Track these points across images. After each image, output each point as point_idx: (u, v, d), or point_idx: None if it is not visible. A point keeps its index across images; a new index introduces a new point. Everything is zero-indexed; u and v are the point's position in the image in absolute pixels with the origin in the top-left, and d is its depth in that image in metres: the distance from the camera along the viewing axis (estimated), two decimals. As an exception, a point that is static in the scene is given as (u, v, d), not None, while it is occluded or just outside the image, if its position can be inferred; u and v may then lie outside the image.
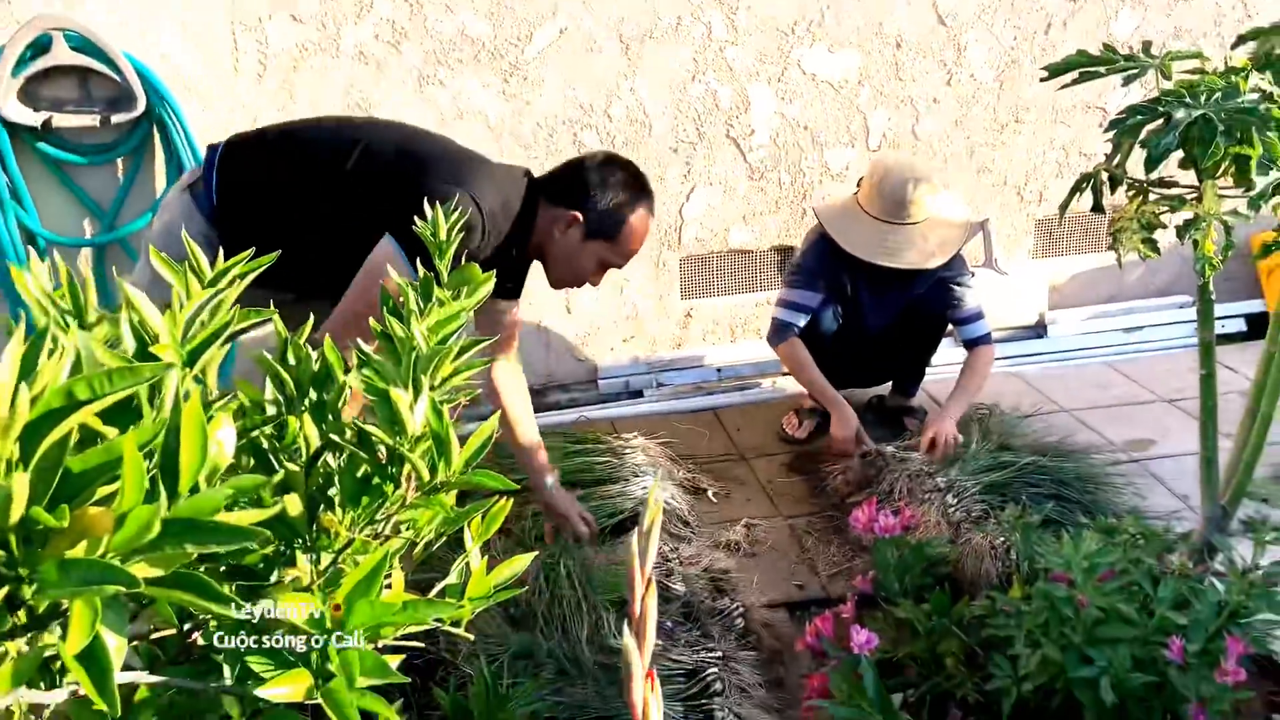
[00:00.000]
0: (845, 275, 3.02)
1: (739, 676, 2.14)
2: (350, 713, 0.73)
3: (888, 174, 2.87)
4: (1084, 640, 1.80)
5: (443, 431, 0.83)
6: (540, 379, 3.74)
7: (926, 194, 2.87)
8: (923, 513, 2.63)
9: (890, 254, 2.85)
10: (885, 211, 2.87)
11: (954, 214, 2.97)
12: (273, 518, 0.74)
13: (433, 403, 0.83)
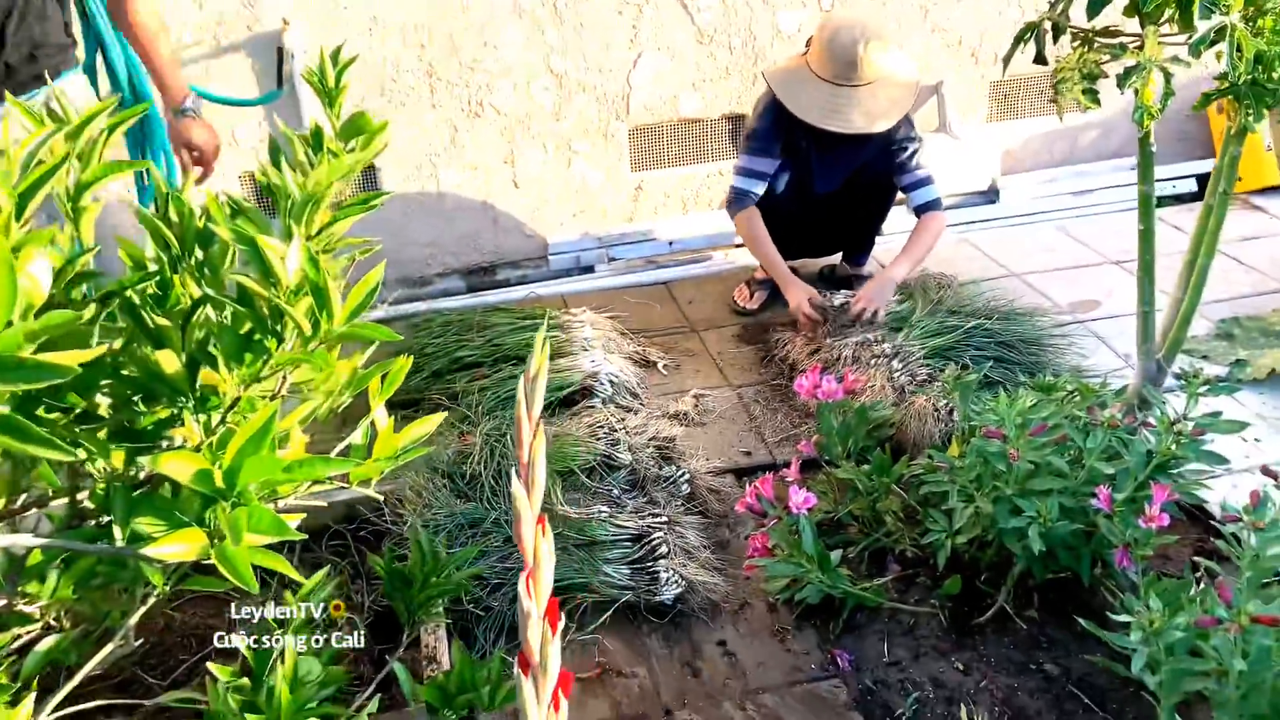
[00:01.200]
0: (800, 139, 2.97)
1: (684, 540, 2.17)
2: (244, 570, 0.72)
3: (836, 33, 2.78)
4: (1015, 493, 1.84)
5: (321, 282, 0.79)
6: (489, 256, 3.68)
7: (877, 53, 2.78)
8: (868, 378, 2.65)
9: (839, 117, 2.78)
10: (834, 73, 2.79)
11: (904, 74, 2.89)
12: (152, 375, 0.71)
13: (308, 252, 0.79)
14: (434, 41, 3.30)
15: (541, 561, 0.66)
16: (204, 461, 0.70)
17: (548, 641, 0.67)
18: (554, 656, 0.68)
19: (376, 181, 3.48)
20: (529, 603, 0.66)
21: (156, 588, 1.06)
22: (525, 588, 0.66)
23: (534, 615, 0.66)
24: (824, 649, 1.99)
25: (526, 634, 0.66)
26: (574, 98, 3.50)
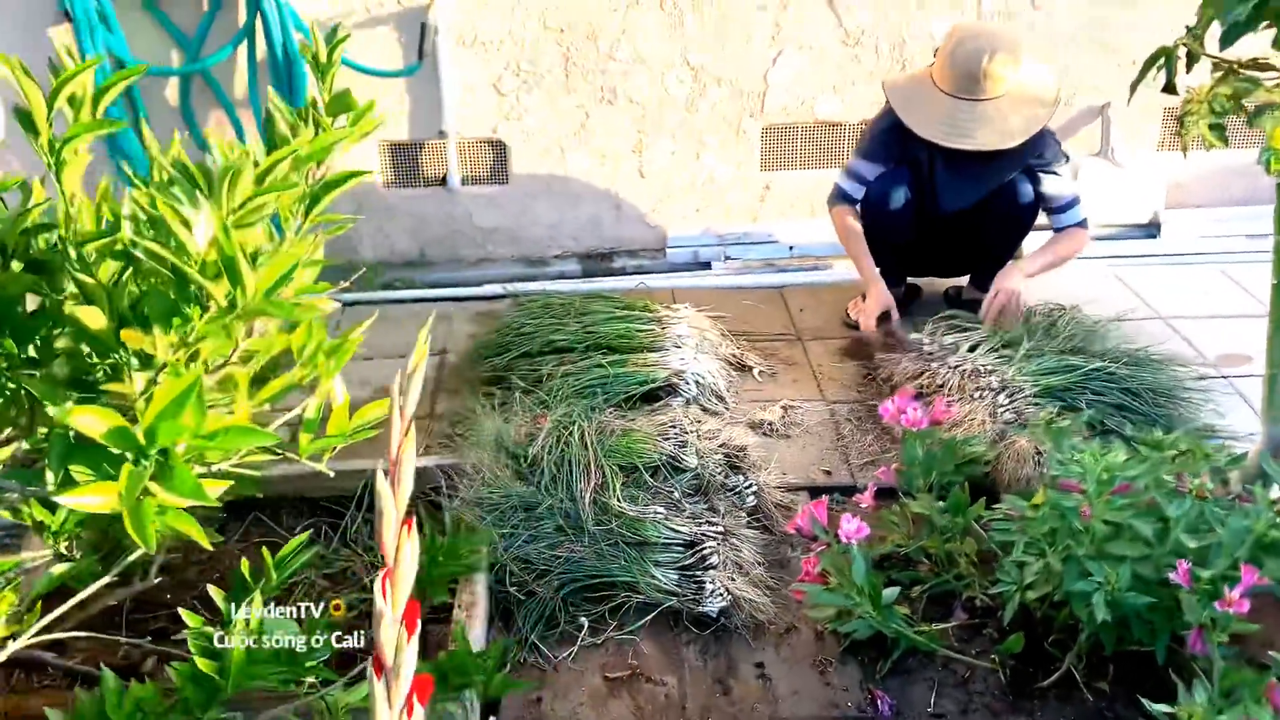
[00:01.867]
0: (920, 151, 2.82)
1: (738, 553, 2.11)
2: (148, 529, 0.72)
3: (961, 43, 2.62)
4: (1091, 554, 1.69)
5: (230, 254, 0.79)
6: (608, 243, 3.69)
7: (1004, 66, 2.60)
8: (969, 410, 2.50)
9: (959, 133, 2.62)
10: (956, 86, 2.63)
11: (1039, 89, 2.70)
12: (79, 331, 0.72)
13: (222, 224, 0.78)
14: (574, 27, 3.31)
15: (402, 562, 0.63)
16: (118, 418, 0.71)
17: (403, 645, 0.64)
18: (409, 660, 0.65)
19: (505, 160, 3.53)
20: (383, 604, 0.63)
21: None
22: (381, 587, 0.63)
23: (388, 617, 0.63)
24: (865, 688, 1.89)
25: (379, 635, 0.64)
26: (708, 91, 3.45)
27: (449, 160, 3.48)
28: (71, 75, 0.83)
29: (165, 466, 0.73)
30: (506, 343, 2.85)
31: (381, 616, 0.63)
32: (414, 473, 0.64)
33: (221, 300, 0.80)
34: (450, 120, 3.40)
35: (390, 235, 3.63)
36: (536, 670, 1.94)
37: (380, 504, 0.62)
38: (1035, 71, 2.71)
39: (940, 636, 1.97)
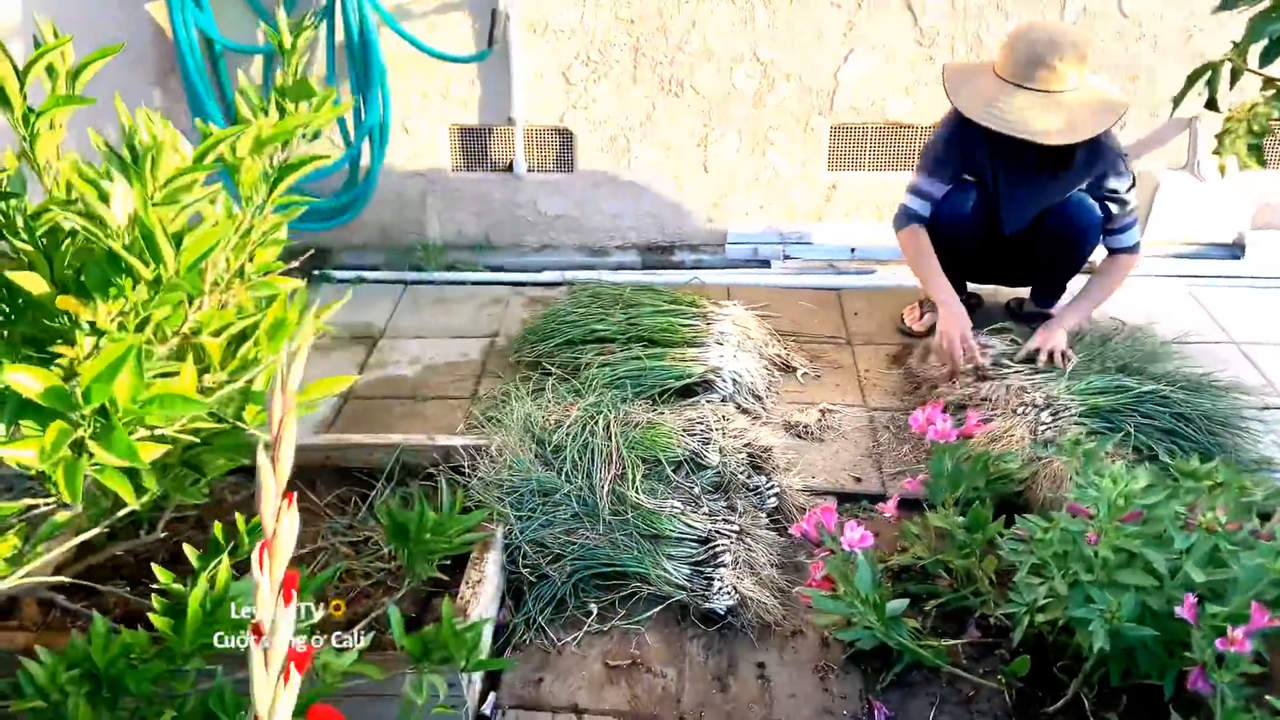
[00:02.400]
0: (983, 162, 2.75)
1: (752, 553, 2.11)
2: (76, 483, 0.77)
3: (1026, 32, 2.53)
4: (1100, 580, 1.64)
5: (150, 229, 0.83)
6: (669, 236, 3.70)
7: (1068, 64, 2.49)
8: (1009, 426, 2.44)
9: (1003, 119, 2.50)
10: (1013, 73, 2.53)
11: (1103, 98, 2.58)
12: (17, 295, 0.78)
13: (143, 199, 0.83)
14: (644, 18, 3.33)
15: (280, 535, 0.67)
16: (54, 379, 0.76)
17: (280, 612, 0.67)
18: (285, 627, 0.68)
19: (572, 149, 3.57)
20: (259, 574, 0.67)
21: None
22: (259, 558, 0.66)
23: (264, 586, 0.66)
24: (865, 699, 1.88)
25: (257, 604, 0.67)
26: (777, 87, 3.42)
27: (516, 147, 3.54)
28: (43, 52, 0.89)
29: (105, 427, 0.78)
30: (552, 330, 2.90)
31: (258, 586, 0.66)
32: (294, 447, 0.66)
33: (146, 274, 0.85)
34: (519, 107, 3.45)
35: (456, 217, 3.70)
36: (541, 651, 1.98)
37: (260, 478, 0.65)
38: (1103, 83, 2.61)
39: (950, 653, 1.94)
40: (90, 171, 0.85)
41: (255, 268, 0.96)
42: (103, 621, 1.22)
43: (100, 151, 0.88)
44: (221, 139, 0.93)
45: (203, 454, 1.14)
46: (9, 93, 0.86)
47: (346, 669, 1.44)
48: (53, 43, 0.90)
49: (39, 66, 0.89)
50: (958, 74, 2.71)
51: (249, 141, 0.94)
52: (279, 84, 0.99)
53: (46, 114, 0.88)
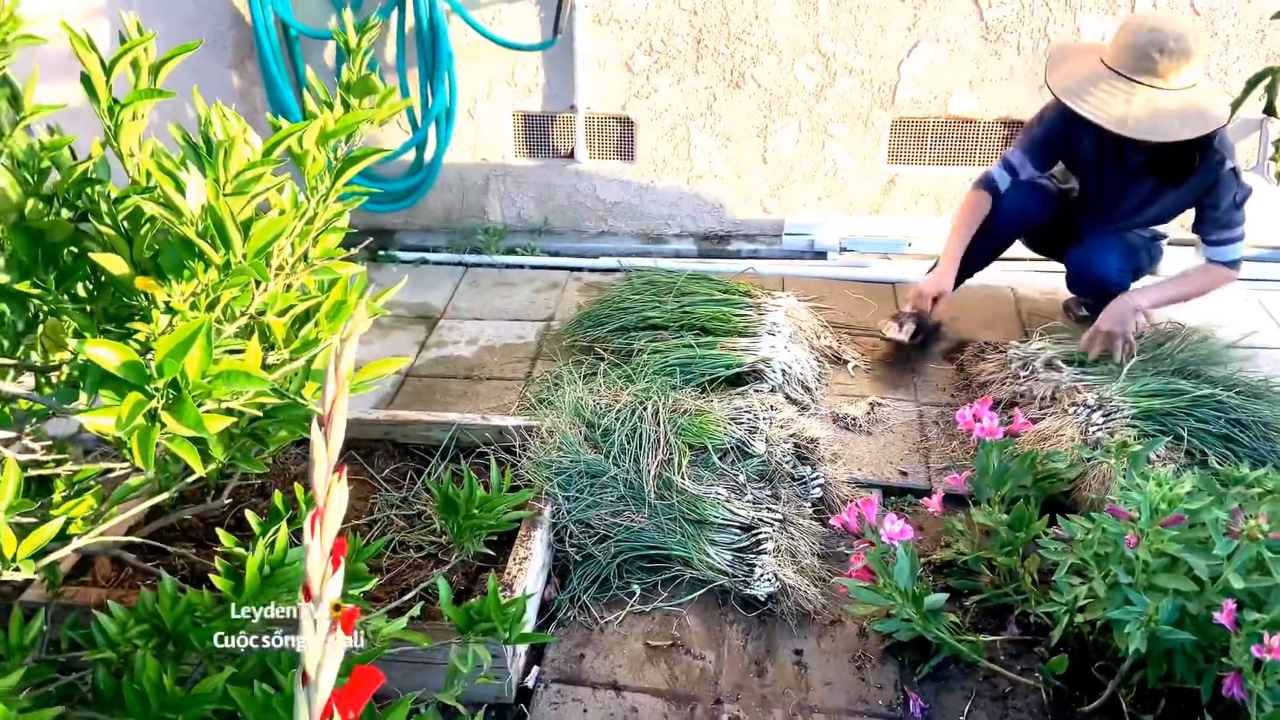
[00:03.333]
0: (1090, 157, 2.70)
1: (794, 542, 2.14)
2: (146, 451, 0.84)
3: (1135, 22, 2.43)
4: (1139, 583, 1.65)
5: (221, 217, 0.88)
6: (726, 225, 3.72)
7: (1172, 62, 2.37)
8: (1060, 426, 2.44)
9: (1083, 100, 2.41)
10: (1119, 62, 2.42)
11: (1197, 103, 2.46)
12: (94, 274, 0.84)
13: (214, 188, 0.89)
14: (707, 9, 3.35)
15: (331, 505, 0.72)
16: (131, 353, 0.83)
17: (328, 576, 0.73)
18: (332, 589, 0.74)
19: (633, 137, 3.61)
20: (312, 540, 0.72)
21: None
22: (310, 526, 0.72)
23: (315, 551, 0.72)
24: (900, 689, 1.90)
25: (308, 566, 0.73)
26: (838, 80, 3.42)
27: (577, 134, 3.59)
28: (128, 48, 0.96)
29: (177, 399, 0.85)
30: (606, 315, 2.94)
31: (309, 550, 0.72)
32: (345, 424, 0.72)
33: (216, 259, 0.91)
34: (581, 95, 3.50)
35: (518, 202, 3.77)
36: (584, 629, 2.04)
37: (313, 452, 0.71)
38: (1211, 93, 2.49)
39: (988, 649, 1.95)
40: (168, 163, 0.91)
41: (318, 252, 1.03)
42: (171, 581, 1.30)
43: (178, 143, 0.95)
44: (289, 134, 0.99)
45: (266, 426, 1.21)
46: (96, 85, 0.93)
47: (396, 635, 1.50)
48: (137, 39, 0.97)
49: (124, 60, 0.96)
50: (1061, 51, 2.61)
51: (315, 135, 1.00)
52: (344, 79, 1.05)
53: (130, 105, 0.95)
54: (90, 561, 1.92)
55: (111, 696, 1.14)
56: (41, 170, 0.97)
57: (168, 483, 1.42)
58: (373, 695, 1.15)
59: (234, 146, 0.94)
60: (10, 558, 0.99)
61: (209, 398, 0.88)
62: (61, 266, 0.96)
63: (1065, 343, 2.78)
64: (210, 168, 0.92)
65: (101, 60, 0.95)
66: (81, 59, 0.94)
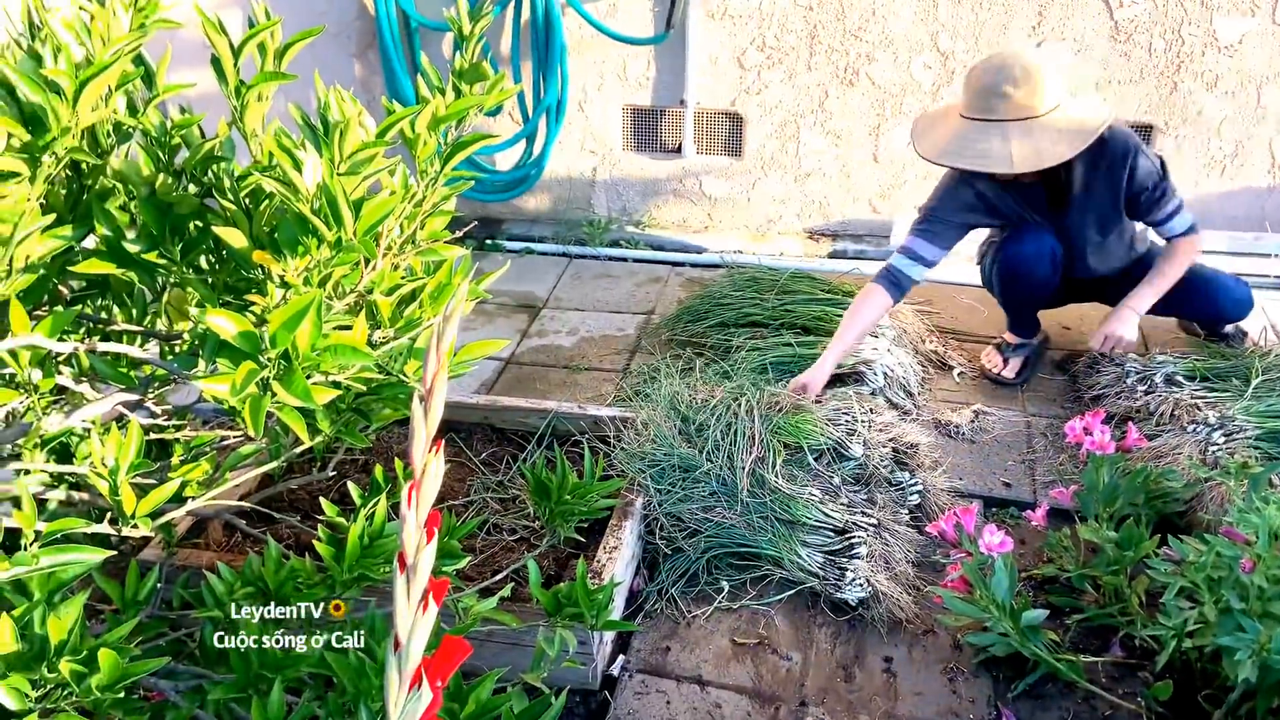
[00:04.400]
0: (1013, 209, 2.60)
1: (889, 548, 2.10)
2: (259, 418, 0.88)
3: (978, 65, 2.37)
4: (1252, 610, 1.57)
5: (334, 195, 0.91)
6: (833, 225, 3.67)
7: (1025, 89, 2.30)
8: (1177, 444, 2.33)
9: (961, 155, 2.34)
10: (970, 107, 2.36)
11: (1077, 120, 2.35)
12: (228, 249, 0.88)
13: (329, 167, 0.91)
14: (824, 4, 3.31)
15: (428, 477, 0.74)
16: (246, 323, 0.86)
17: (422, 547, 0.74)
18: (426, 560, 0.75)
19: (741, 133, 3.59)
20: (408, 510, 0.74)
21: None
22: (407, 497, 0.74)
23: (411, 521, 0.74)
24: (993, 705, 1.85)
25: (403, 537, 0.75)
26: (955, 79, 3.34)
27: (686, 129, 3.59)
28: (255, 32, 1.00)
29: (287, 370, 0.88)
30: (706, 310, 2.94)
31: (405, 521, 0.74)
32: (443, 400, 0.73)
33: (329, 236, 0.94)
34: (691, 90, 3.50)
35: (624, 195, 3.79)
36: (670, 622, 2.04)
37: (413, 424, 0.73)
38: (1084, 104, 2.40)
39: (1088, 670, 1.88)
40: (288, 142, 0.95)
41: (426, 234, 1.05)
42: (276, 546, 1.35)
43: (297, 124, 0.99)
44: (401, 117, 1.02)
45: (371, 403, 1.25)
46: (225, 67, 0.98)
47: (486, 614, 1.53)
48: (264, 23, 1.01)
49: (251, 44, 1.00)
50: (924, 122, 2.53)
51: (426, 119, 1.03)
52: (456, 66, 1.07)
53: (255, 87, 0.99)
54: (204, 525, 2.02)
55: (216, 654, 1.19)
56: (172, 147, 1.03)
57: (277, 452, 1.48)
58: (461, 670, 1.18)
59: (349, 128, 0.97)
60: (130, 515, 1.05)
61: (317, 370, 0.91)
62: (187, 239, 1.01)
63: (1190, 358, 2.66)
64: (326, 148, 0.95)
65: (231, 43, 1.00)
66: (212, 41, 0.99)
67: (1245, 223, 3.39)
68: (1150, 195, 2.51)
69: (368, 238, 0.98)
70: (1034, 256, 2.62)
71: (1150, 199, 2.52)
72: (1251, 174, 3.32)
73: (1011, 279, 2.69)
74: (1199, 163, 3.33)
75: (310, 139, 0.96)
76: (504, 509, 2.20)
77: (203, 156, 1.02)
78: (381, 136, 1.00)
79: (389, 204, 0.99)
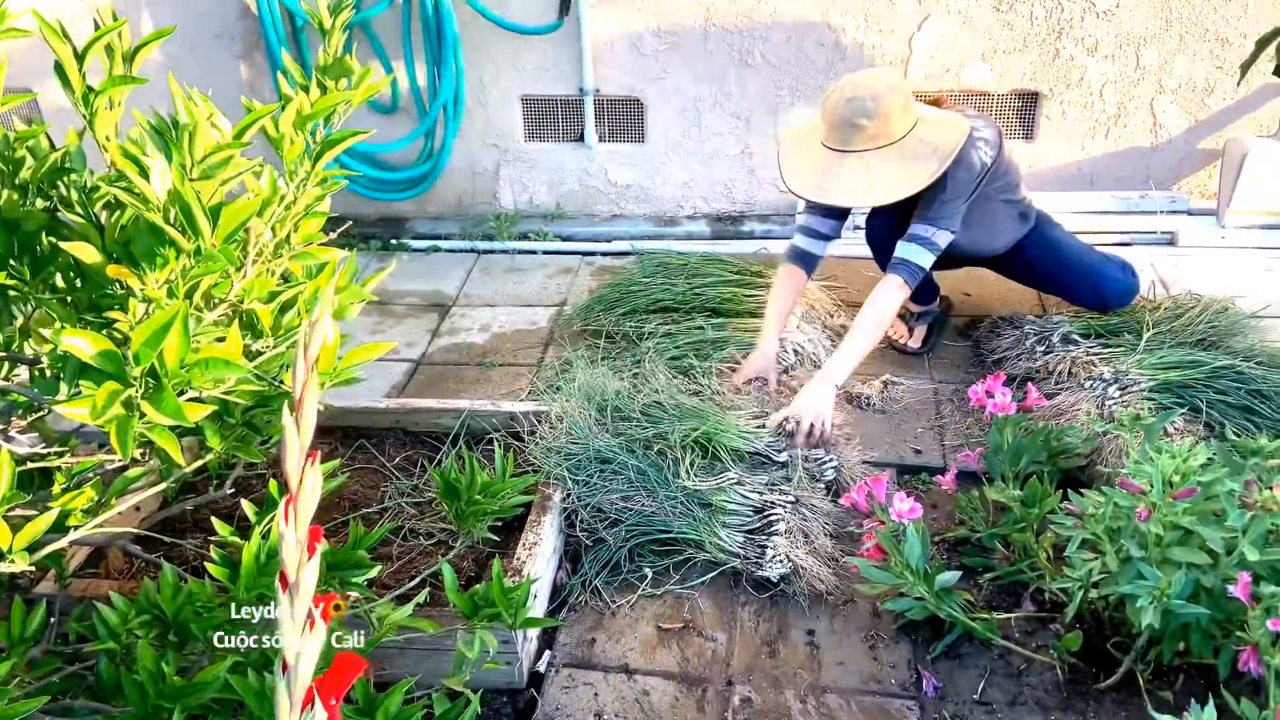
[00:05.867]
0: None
1: (806, 523, 2.13)
2: (125, 441, 0.84)
3: (841, 95, 2.35)
4: (1151, 557, 1.62)
5: (188, 202, 0.88)
6: (739, 206, 3.69)
7: (892, 112, 2.31)
8: (1075, 400, 2.40)
9: (842, 191, 2.36)
10: (839, 140, 2.36)
11: (932, 144, 2.36)
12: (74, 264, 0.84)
13: (180, 173, 0.88)
14: (714, -14, 3.31)
15: (304, 490, 0.71)
16: (106, 343, 0.83)
17: (303, 564, 0.72)
18: (309, 577, 0.73)
19: (643, 119, 3.58)
20: (285, 526, 0.72)
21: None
22: (284, 512, 0.71)
23: (290, 537, 0.71)
24: (913, 668, 1.89)
25: (283, 554, 0.72)
26: (848, 55, 3.38)
27: (587, 117, 3.57)
28: (98, 37, 0.96)
29: (156, 388, 0.84)
30: (617, 299, 2.93)
31: (284, 539, 0.71)
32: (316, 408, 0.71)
33: (186, 245, 0.91)
34: (590, 78, 3.48)
35: (529, 187, 3.76)
36: (595, 613, 2.03)
37: (285, 436, 0.70)
38: (936, 121, 2.40)
39: (1002, 627, 1.93)
40: (134, 149, 0.91)
41: (300, 238, 1.02)
42: (171, 570, 1.30)
43: (144, 129, 0.95)
44: (259, 116, 0.98)
45: (263, 415, 1.21)
46: (69, 73, 0.93)
47: (402, 622, 1.51)
48: (109, 25, 0.96)
49: (97, 47, 0.95)
50: (789, 143, 2.53)
51: (291, 118, 0.99)
52: (320, 62, 1.04)
53: (104, 94, 0.95)
54: (103, 554, 1.94)
55: (113, 686, 1.14)
56: (16, 160, 0.97)
57: (168, 473, 1.43)
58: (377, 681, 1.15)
59: (198, 130, 0.94)
60: (6, 549, 1.00)
61: (189, 386, 0.88)
62: (38, 256, 0.96)
63: (1084, 317, 2.74)
64: (176, 152, 0.92)
65: (75, 49, 0.95)
66: (53, 47, 0.94)
67: (1131, 182, 3.50)
68: (933, 194, 2.41)
69: (229, 244, 0.95)
70: (872, 237, 2.76)
71: (931, 197, 2.42)
72: (1134, 134, 3.43)
73: (875, 252, 2.79)
74: (1084, 126, 3.43)
75: (156, 143, 0.92)
76: (420, 513, 2.17)
77: (49, 169, 0.97)
78: (238, 137, 0.96)
79: (250, 207, 0.96)
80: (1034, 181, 3.49)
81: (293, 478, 0.73)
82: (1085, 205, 3.45)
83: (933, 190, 2.40)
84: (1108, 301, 2.73)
